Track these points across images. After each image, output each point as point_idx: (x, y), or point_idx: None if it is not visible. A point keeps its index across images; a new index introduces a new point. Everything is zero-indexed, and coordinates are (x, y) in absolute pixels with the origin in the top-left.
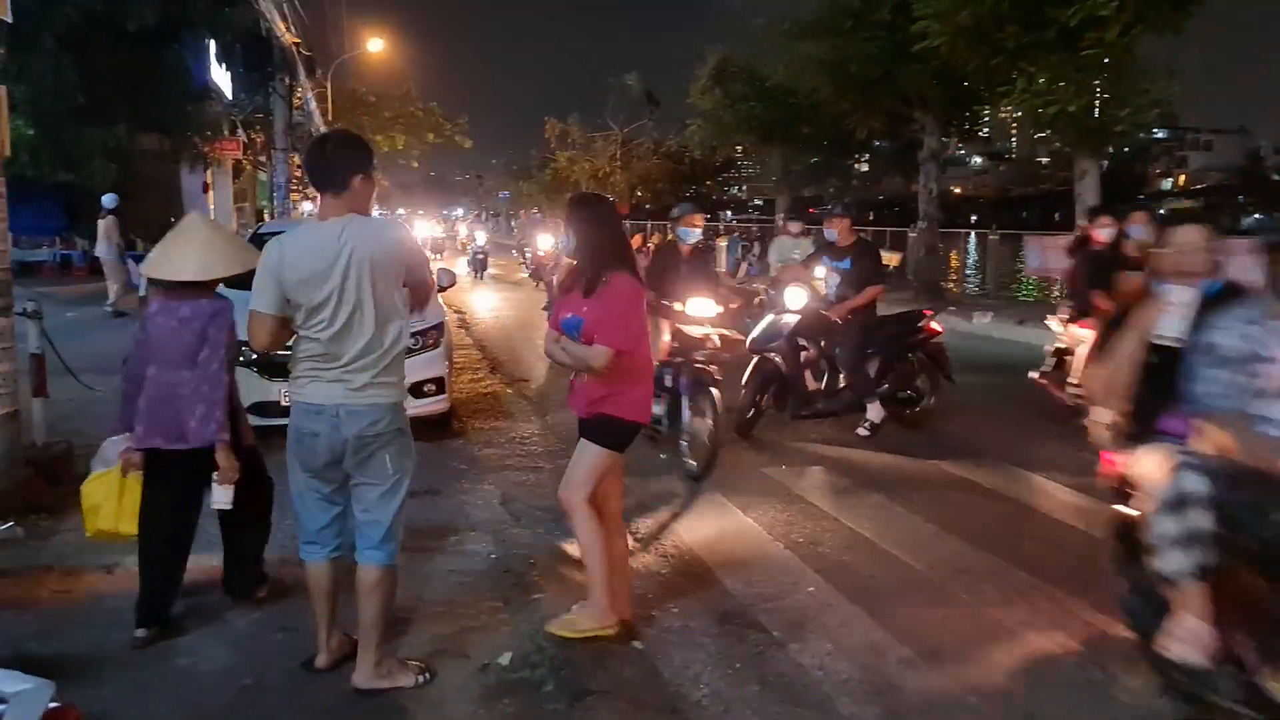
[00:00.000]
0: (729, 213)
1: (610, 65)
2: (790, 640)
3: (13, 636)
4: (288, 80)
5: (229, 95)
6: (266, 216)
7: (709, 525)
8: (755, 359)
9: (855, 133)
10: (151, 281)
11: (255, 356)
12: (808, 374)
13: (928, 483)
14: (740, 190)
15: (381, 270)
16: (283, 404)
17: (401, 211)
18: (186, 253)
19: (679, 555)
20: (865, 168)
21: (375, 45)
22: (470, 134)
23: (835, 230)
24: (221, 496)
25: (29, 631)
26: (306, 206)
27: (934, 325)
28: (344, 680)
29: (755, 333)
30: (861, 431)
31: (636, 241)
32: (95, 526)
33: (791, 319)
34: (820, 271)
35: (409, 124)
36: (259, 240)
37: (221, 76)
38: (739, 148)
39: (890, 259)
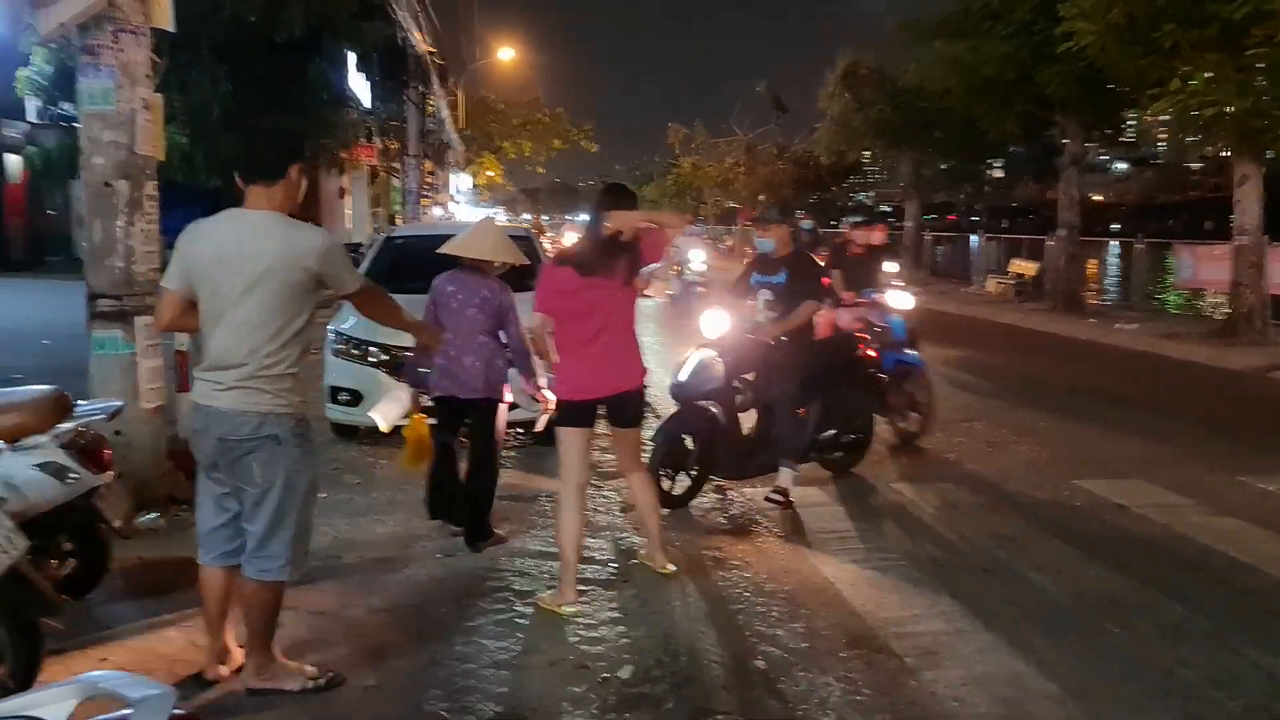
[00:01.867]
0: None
1: (738, 71)
2: (923, 667)
3: (149, 623)
4: (421, 89)
5: (366, 103)
6: (398, 221)
7: (831, 540)
8: (677, 410)
9: (989, 137)
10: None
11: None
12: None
13: (1068, 503)
14: (868, 196)
15: (275, 275)
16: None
17: (527, 217)
18: (484, 241)
19: (803, 574)
20: (999, 173)
21: (505, 54)
22: (595, 139)
23: (770, 239)
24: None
25: (164, 620)
26: (436, 211)
27: (870, 350)
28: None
29: (682, 375)
30: (774, 498)
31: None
32: (409, 461)
33: (730, 356)
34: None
35: (536, 130)
36: (391, 244)
37: (360, 85)
38: (866, 152)
39: (1025, 268)
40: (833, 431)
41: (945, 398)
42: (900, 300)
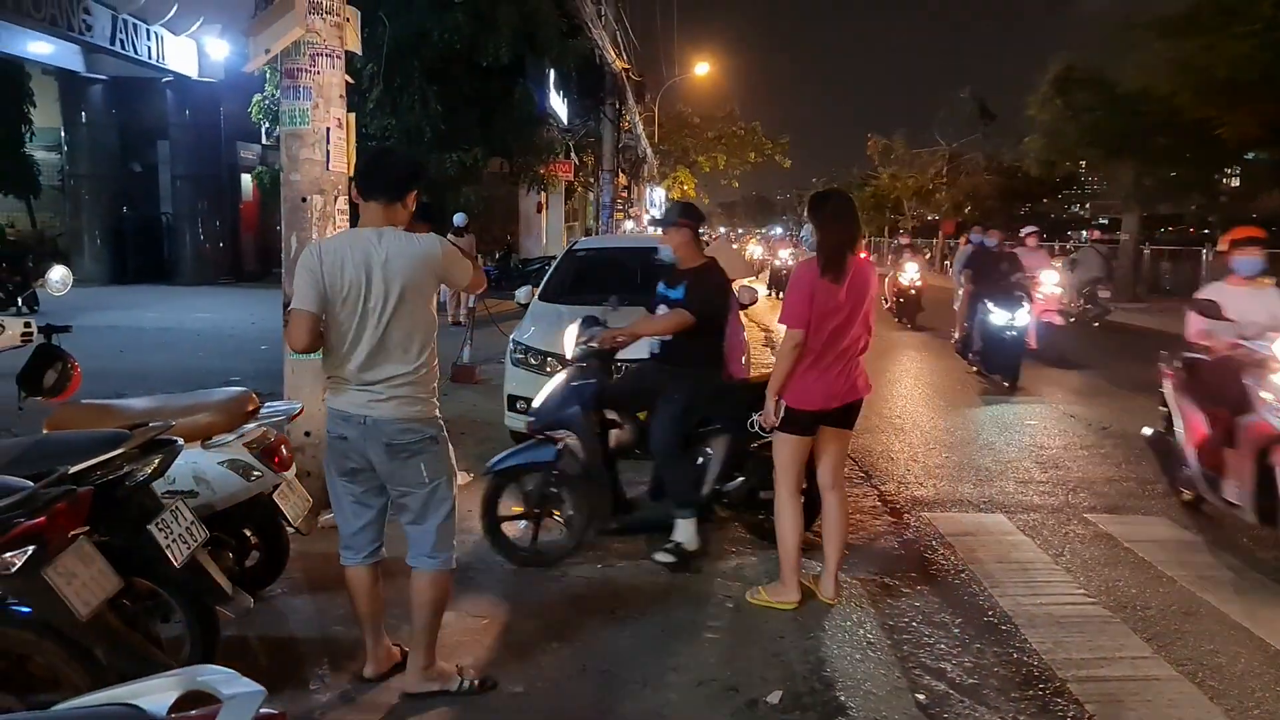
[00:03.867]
0: (1085, 233)
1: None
2: (1105, 716)
3: (323, 618)
4: (617, 105)
5: (564, 120)
6: (594, 234)
7: (1013, 571)
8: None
9: (1224, 143)
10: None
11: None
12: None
13: None
14: (1083, 209)
15: (413, 287)
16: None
17: (723, 230)
18: (723, 259)
19: (978, 605)
20: (1236, 182)
21: (701, 69)
22: (791, 153)
23: (670, 245)
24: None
25: (337, 615)
26: (628, 225)
27: None
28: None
29: (537, 400)
30: (661, 558)
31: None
32: None
33: (596, 376)
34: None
35: (731, 144)
36: (573, 255)
37: (558, 103)
38: (1081, 162)
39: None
40: (740, 480)
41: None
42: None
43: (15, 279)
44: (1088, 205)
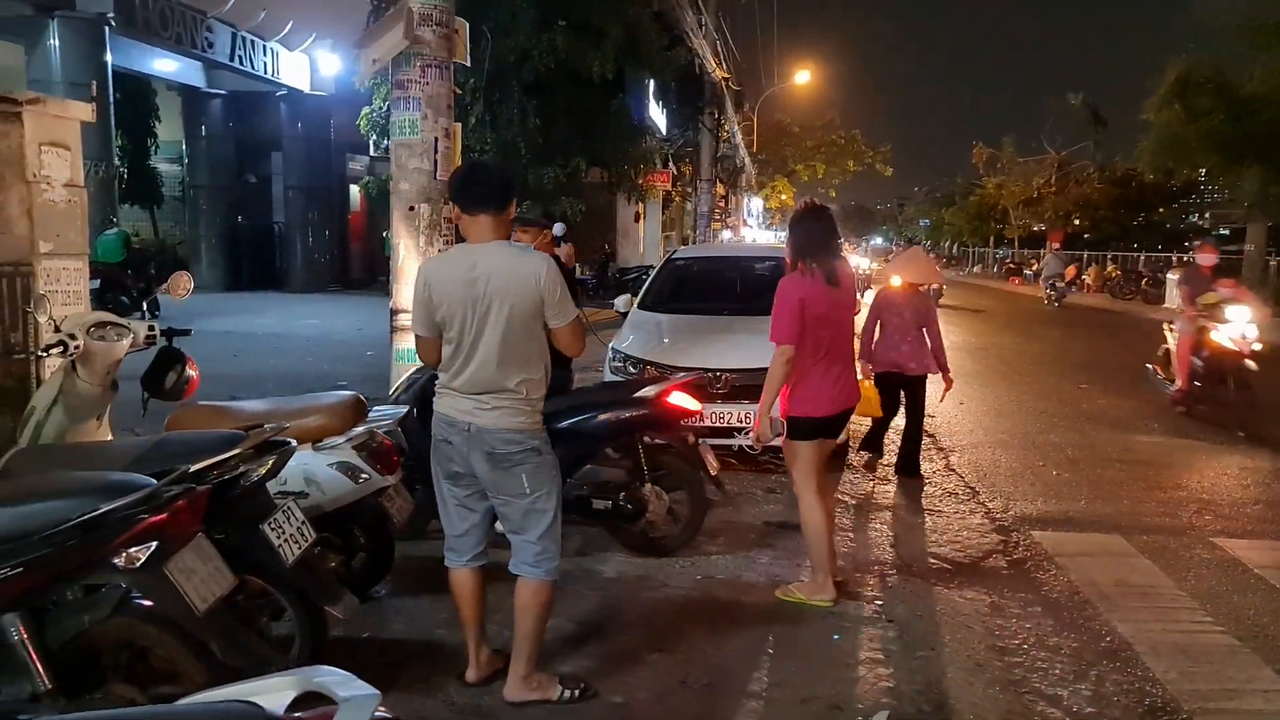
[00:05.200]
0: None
1: (1051, 86)
2: None
3: (427, 621)
4: (716, 114)
5: (662, 130)
6: (690, 244)
7: (1132, 595)
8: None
9: None
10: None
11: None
12: None
13: None
14: (1201, 218)
15: (518, 303)
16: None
17: None
18: (912, 266)
19: (1094, 629)
20: None
21: (801, 77)
22: (893, 161)
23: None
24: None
25: (440, 618)
26: (726, 234)
27: (677, 400)
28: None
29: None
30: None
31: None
32: (865, 411)
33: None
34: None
35: (830, 153)
36: (672, 264)
37: (656, 113)
38: (1200, 170)
39: None
40: (583, 491)
41: None
42: None
43: (140, 285)
44: (1206, 215)
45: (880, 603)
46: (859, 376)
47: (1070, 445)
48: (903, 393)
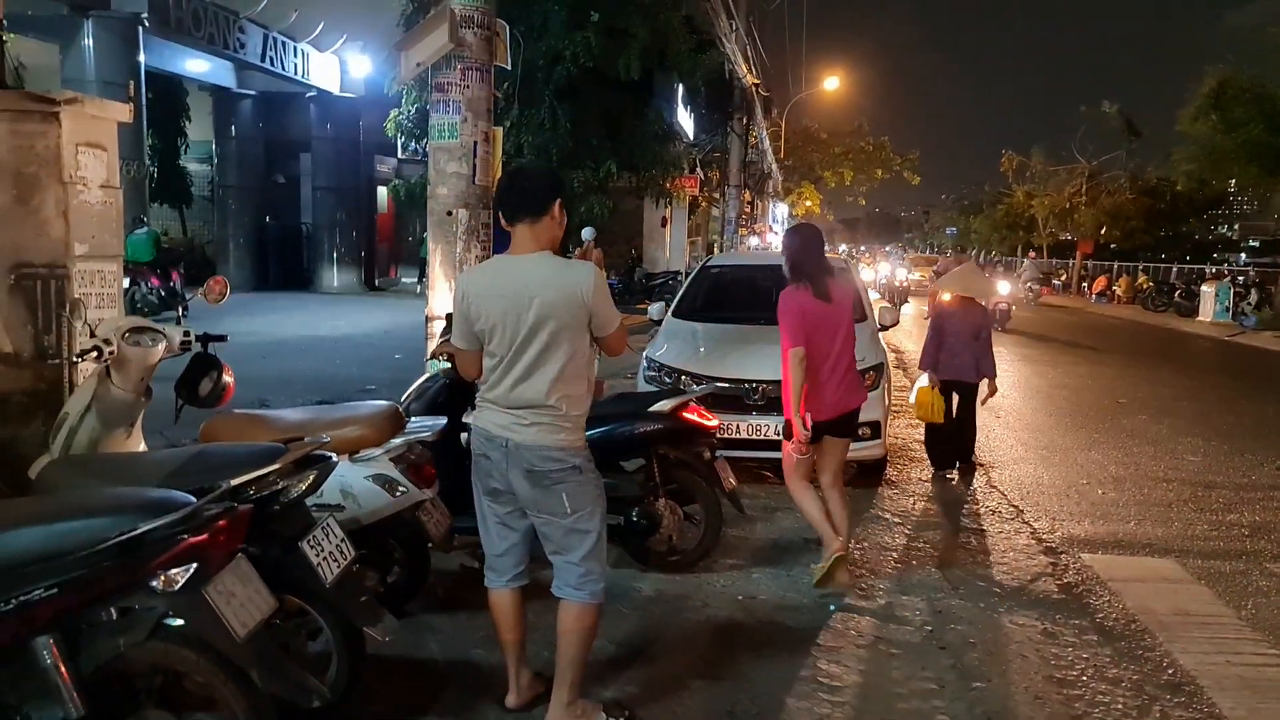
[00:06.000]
0: (1244, 255)
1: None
2: None
3: (464, 641)
4: (745, 119)
5: (691, 135)
6: (716, 250)
7: (1192, 625)
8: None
9: None
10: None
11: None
12: None
13: None
14: (1230, 230)
15: (561, 317)
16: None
17: (844, 248)
18: (974, 281)
19: (1154, 661)
20: None
21: (831, 83)
22: (920, 169)
23: None
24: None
25: (478, 637)
26: (753, 241)
27: (695, 416)
28: None
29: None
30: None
31: (1101, 283)
32: (924, 416)
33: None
34: None
35: (858, 159)
36: (707, 272)
37: (684, 118)
38: (1231, 181)
39: None
40: None
41: None
42: None
43: (169, 285)
44: (1235, 226)
45: (930, 629)
46: (924, 384)
47: (1114, 462)
48: (956, 395)
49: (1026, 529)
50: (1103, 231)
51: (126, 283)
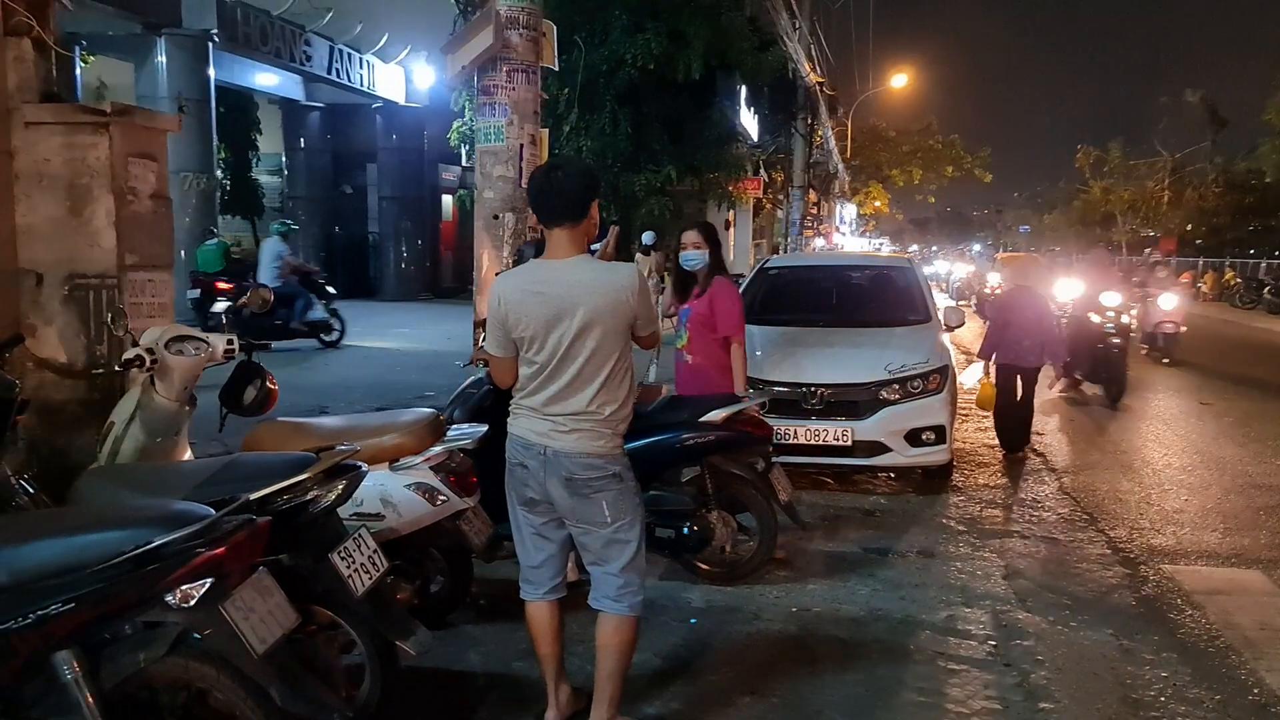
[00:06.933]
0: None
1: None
2: None
3: (504, 652)
4: (809, 120)
5: (754, 137)
6: (780, 252)
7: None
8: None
9: None
10: None
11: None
12: None
13: None
14: None
15: (603, 322)
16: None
17: (915, 248)
18: (1031, 271)
19: (1239, 681)
20: None
21: (898, 80)
22: (992, 166)
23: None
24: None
25: (519, 649)
26: (819, 243)
27: (749, 425)
28: None
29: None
30: None
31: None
32: (984, 406)
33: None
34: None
35: (927, 158)
36: (764, 273)
37: (748, 119)
38: None
39: None
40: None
41: None
42: None
43: (238, 297)
44: None
45: (994, 644)
46: (981, 375)
47: (1198, 468)
48: (1019, 380)
49: (1102, 538)
50: (1188, 228)
51: (197, 294)
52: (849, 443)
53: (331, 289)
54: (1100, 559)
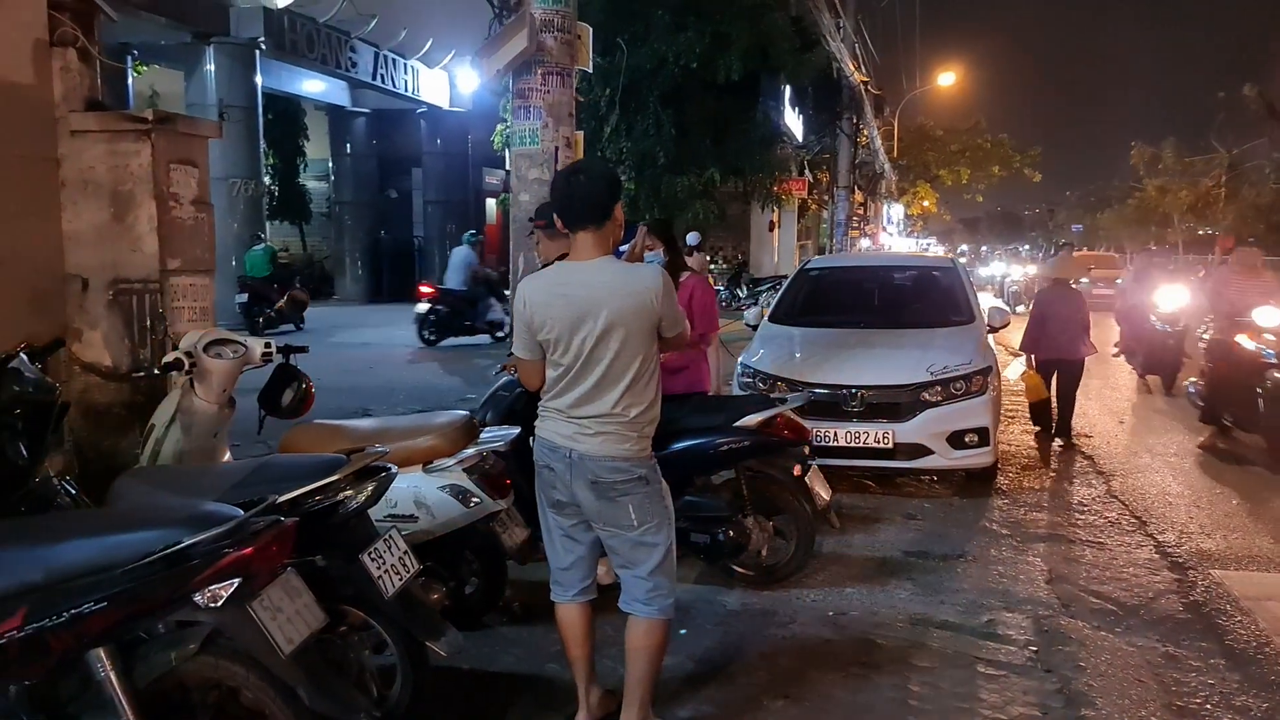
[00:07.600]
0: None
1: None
2: None
3: (539, 655)
4: (854, 119)
5: (799, 137)
6: (826, 253)
7: None
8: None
9: None
10: None
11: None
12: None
13: None
14: None
15: (628, 324)
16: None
17: (964, 248)
18: (1068, 268)
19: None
20: None
21: (945, 79)
22: (1042, 166)
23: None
24: None
25: (552, 652)
26: (864, 243)
27: (782, 429)
28: None
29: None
30: None
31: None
32: (1033, 397)
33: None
34: None
35: (975, 157)
36: (805, 275)
37: (792, 119)
38: None
39: None
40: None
41: None
42: None
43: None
44: None
45: (1035, 649)
46: (1023, 368)
47: (1251, 471)
48: (1058, 372)
49: (1150, 542)
50: (1245, 225)
51: (245, 298)
52: (890, 445)
53: (507, 291)
54: (1148, 563)
